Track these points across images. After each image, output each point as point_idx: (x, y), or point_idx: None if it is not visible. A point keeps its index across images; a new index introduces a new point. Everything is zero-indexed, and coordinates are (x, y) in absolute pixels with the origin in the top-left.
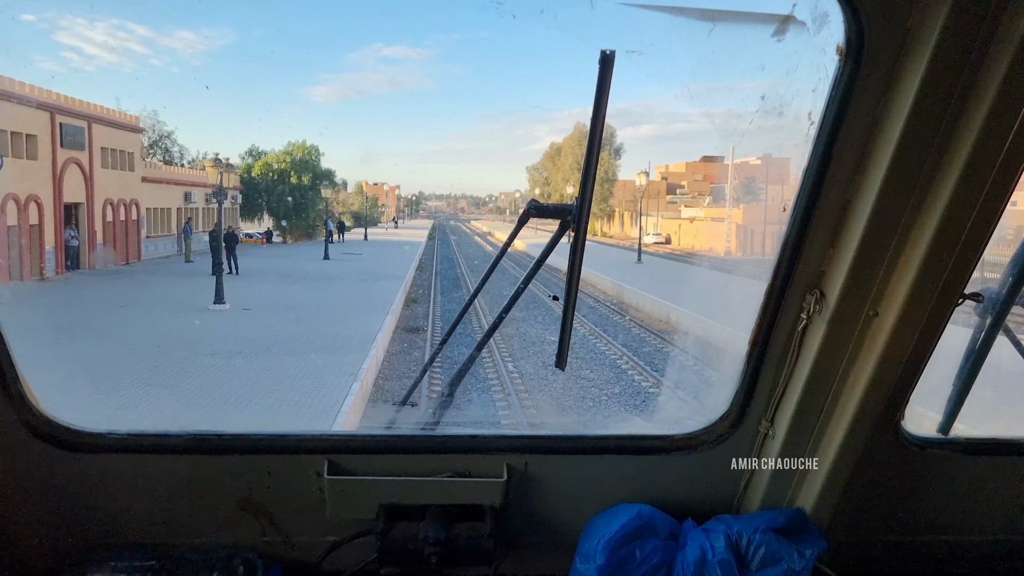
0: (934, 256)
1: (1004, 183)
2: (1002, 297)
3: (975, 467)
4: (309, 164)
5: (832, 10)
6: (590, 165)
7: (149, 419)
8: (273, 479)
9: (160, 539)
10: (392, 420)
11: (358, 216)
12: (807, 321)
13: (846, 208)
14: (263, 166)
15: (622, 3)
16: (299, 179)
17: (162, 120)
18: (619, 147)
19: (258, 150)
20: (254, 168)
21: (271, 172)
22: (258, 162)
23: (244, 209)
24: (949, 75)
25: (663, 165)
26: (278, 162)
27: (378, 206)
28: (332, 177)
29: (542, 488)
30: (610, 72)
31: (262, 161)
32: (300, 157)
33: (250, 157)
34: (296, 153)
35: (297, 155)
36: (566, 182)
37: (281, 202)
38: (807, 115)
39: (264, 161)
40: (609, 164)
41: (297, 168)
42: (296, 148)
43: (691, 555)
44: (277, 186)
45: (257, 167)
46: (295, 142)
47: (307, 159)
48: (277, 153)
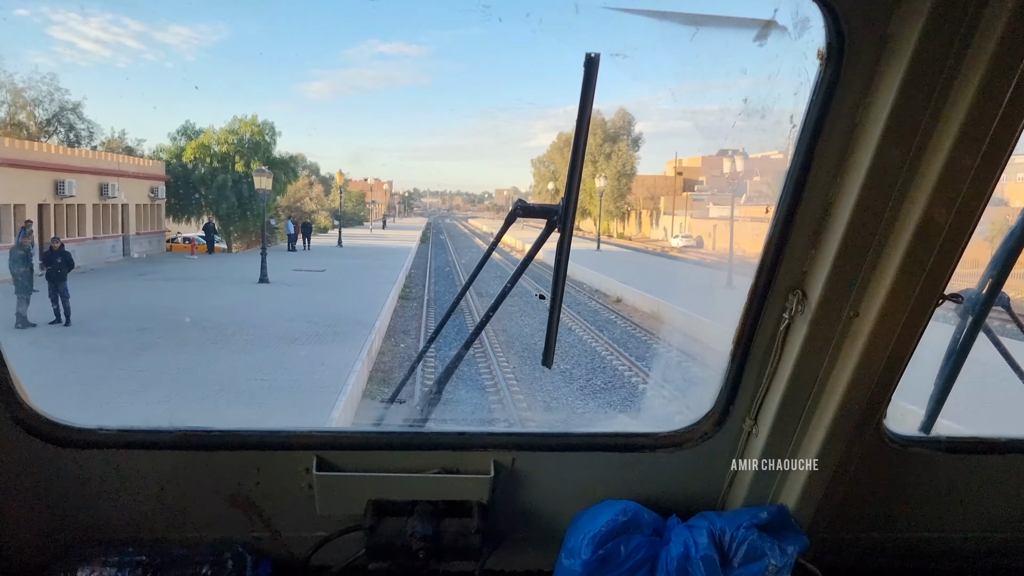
0: (914, 257)
1: (982, 185)
2: (982, 298)
3: (956, 465)
4: (260, 147)
5: (813, 15)
6: (575, 166)
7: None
8: (263, 475)
9: (150, 534)
10: (381, 417)
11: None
12: (789, 321)
13: (828, 210)
14: (198, 149)
15: (606, 7)
16: (247, 167)
17: (63, 88)
18: (638, 136)
19: (194, 128)
20: (186, 152)
21: (210, 157)
22: (191, 144)
23: (175, 206)
24: (927, 79)
25: (675, 160)
26: (220, 144)
27: (365, 203)
28: (293, 165)
29: (529, 484)
30: (595, 74)
31: (197, 142)
32: (249, 138)
33: (184, 137)
34: (243, 132)
35: (245, 135)
36: None
37: (222, 197)
38: (789, 118)
39: (200, 143)
40: (627, 156)
41: (245, 152)
42: (244, 125)
43: (675, 551)
44: (218, 176)
45: (190, 150)
46: (242, 117)
47: (258, 140)
48: (218, 132)
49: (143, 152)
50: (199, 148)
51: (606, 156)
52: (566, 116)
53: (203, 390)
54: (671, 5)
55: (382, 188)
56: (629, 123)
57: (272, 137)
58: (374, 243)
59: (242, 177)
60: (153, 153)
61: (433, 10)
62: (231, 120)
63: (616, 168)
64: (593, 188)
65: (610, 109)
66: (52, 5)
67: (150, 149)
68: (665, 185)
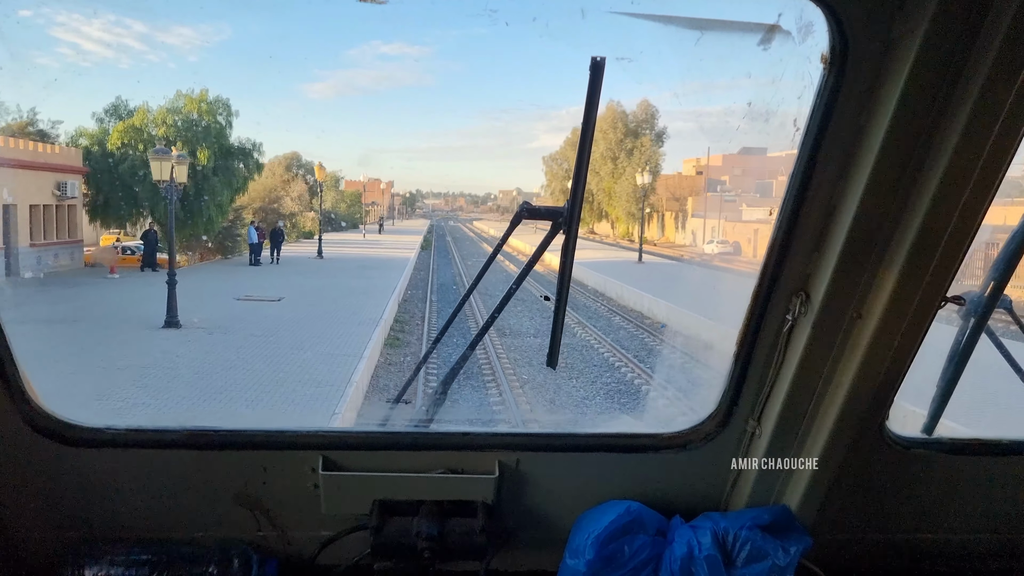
0: (916, 260)
1: (984, 189)
2: (984, 301)
3: (959, 467)
4: (212, 131)
5: (817, 20)
6: (581, 168)
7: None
8: (269, 474)
9: (157, 533)
10: (386, 417)
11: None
12: (793, 322)
13: (831, 212)
14: (127, 133)
15: (612, 12)
16: (193, 155)
17: None
18: (662, 131)
19: (127, 107)
20: (111, 136)
21: (143, 143)
22: (119, 126)
23: (102, 207)
24: (931, 83)
25: (693, 158)
26: (157, 126)
27: (362, 205)
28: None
29: (533, 484)
30: (601, 78)
31: (127, 124)
32: (197, 119)
33: (114, 118)
34: (189, 111)
35: (191, 114)
36: (595, 174)
37: (160, 195)
38: (792, 121)
39: (130, 125)
40: (651, 153)
41: (190, 137)
42: (189, 103)
43: (678, 551)
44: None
45: (116, 135)
46: (186, 92)
47: (208, 123)
48: (156, 113)
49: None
50: (128, 132)
51: (627, 152)
52: (569, 118)
53: None
54: (676, 9)
55: (379, 188)
56: (652, 116)
57: (227, 119)
58: (365, 252)
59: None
60: (71, 138)
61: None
62: (173, 96)
63: (638, 166)
64: (612, 188)
65: (632, 101)
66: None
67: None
68: (685, 185)
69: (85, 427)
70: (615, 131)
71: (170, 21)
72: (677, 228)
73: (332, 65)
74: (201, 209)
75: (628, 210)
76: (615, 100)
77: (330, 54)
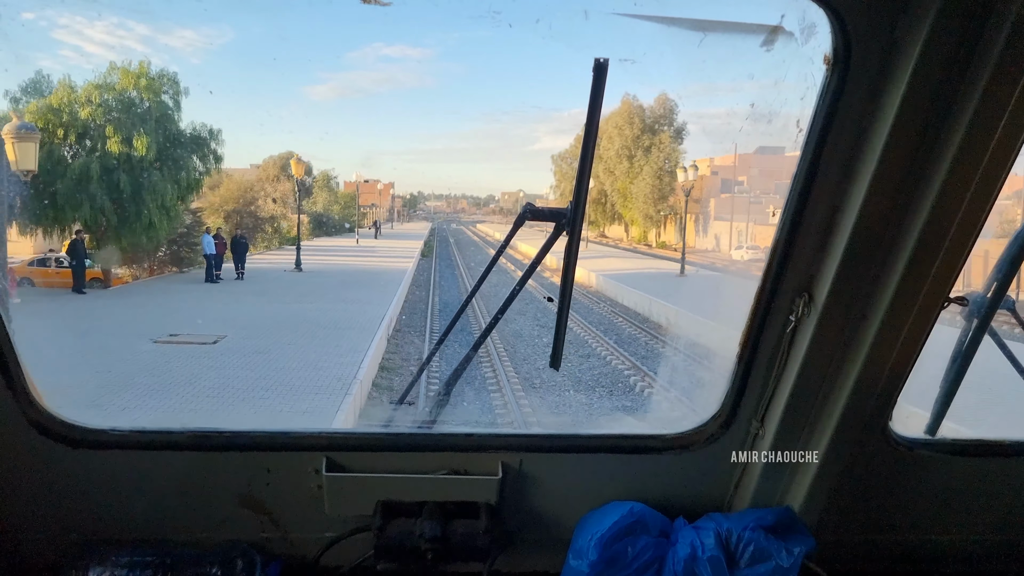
0: (919, 261)
1: (987, 189)
2: (987, 301)
3: (962, 468)
4: (154, 115)
5: (820, 21)
6: (584, 170)
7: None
8: (272, 476)
9: (160, 535)
10: (390, 418)
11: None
12: (796, 323)
13: (834, 213)
14: (44, 115)
15: (615, 13)
16: (128, 144)
17: None
18: (682, 127)
19: (49, 82)
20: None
21: (64, 128)
22: (31, 106)
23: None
24: (933, 84)
25: (706, 158)
26: (83, 106)
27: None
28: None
29: (536, 486)
30: (604, 80)
31: (43, 103)
32: (136, 99)
33: (34, 96)
34: (124, 88)
35: (127, 92)
36: (610, 173)
37: (86, 194)
38: (795, 122)
39: (48, 105)
40: (670, 150)
41: (124, 122)
42: (126, 77)
43: (682, 552)
44: (79, 159)
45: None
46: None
47: (151, 104)
48: (83, 88)
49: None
50: (45, 114)
51: (644, 150)
52: (571, 120)
53: None
54: (679, 11)
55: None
56: (671, 111)
57: (175, 98)
58: (355, 261)
59: (123, 162)
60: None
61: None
62: (106, 69)
63: (657, 164)
64: (628, 189)
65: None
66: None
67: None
68: (699, 186)
69: (89, 429)
70: (631, 127)
71: (172, 23)
72: (698, 232)
73: (334, 67)
74: (140, 212)
75: (646, 212)
76: (630, 94)
77: (332, 56)
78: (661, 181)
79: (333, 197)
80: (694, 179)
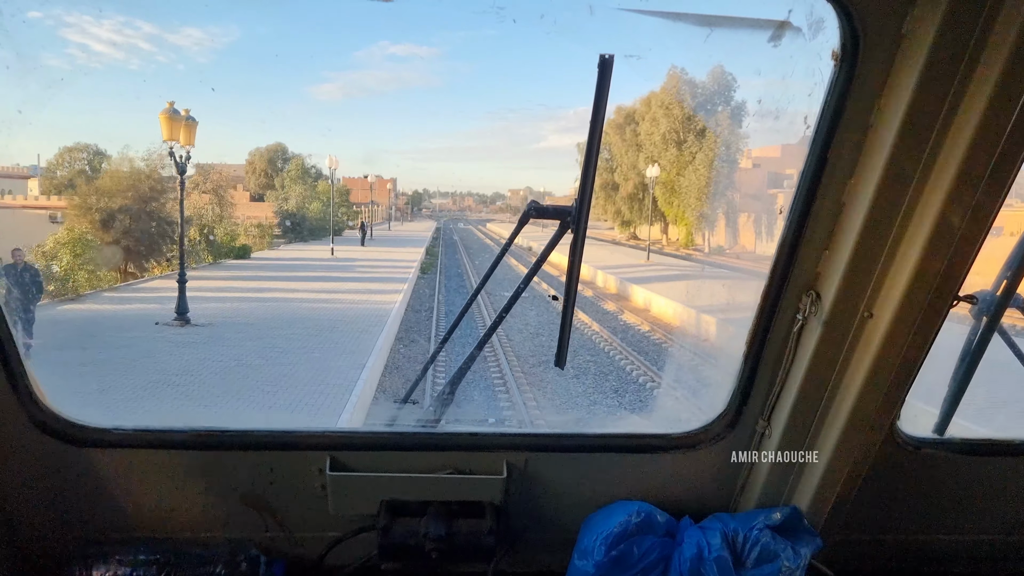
0: (928, 258)
1: (997, 187)
2: (996, 300)
3: (970, 467)
4: None
5: (828, 16)
6: (589, 167)
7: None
8: (276, 475)
9: (164, 533)
10: (394, 417)
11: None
12: (803, 322)
13: (841, 210)
14: None
15: (620, 8)
16: None
17: None
18: (740, 105)
19: None
20: None
21: None
22: None
23: None
24: (942, 80)
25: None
26: None
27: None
28: None
29: (541, 485)
30: (609, 75)
31: None
32: None
33: None
34: None
35: None
36: (651, 161)
37: None
38: (803, 118)
39: None
40: (729, 133)
41: None
42: None
43: (688, 552)
44: None
45: None
46: None
47: None
48: None
49: None
50: None
51: (697, 134)
52: (577, 118)
53: None
54: (685, 6)
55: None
56: (728, 87)
57: None
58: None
59: None
60: None
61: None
62: None
63: (713, 151)
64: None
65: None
66: (66, 7)
67: None
68: (741, 180)
69: (92, 427)
70: (681, 108)
71: (179, 22)
72: (759, 235)
73: (340, 66)
74: None
75: (698, 210)
76: (678, 67)
77: (338, 55)
78: (711, 173)
79: (312, 192)
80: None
